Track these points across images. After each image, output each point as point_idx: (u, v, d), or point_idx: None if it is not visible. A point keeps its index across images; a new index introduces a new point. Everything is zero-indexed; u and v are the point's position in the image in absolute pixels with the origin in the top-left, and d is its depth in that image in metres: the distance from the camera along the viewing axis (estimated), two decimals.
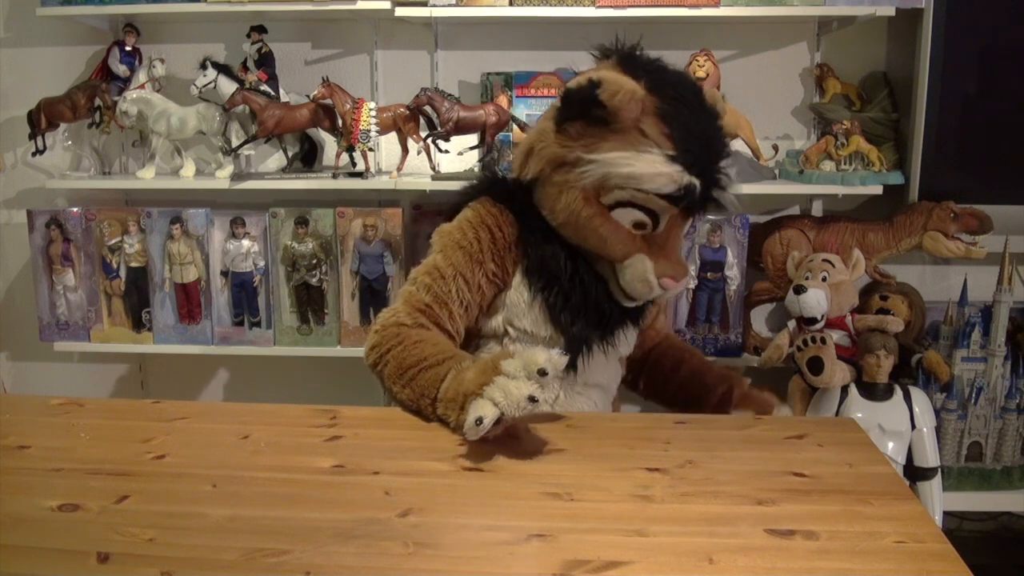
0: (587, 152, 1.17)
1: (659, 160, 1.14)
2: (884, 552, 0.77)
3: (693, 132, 1.16)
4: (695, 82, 1.26)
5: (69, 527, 0.81)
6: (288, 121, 2.10)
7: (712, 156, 1.19)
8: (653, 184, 1.15)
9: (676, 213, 1.20)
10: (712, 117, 1.22)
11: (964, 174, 2.06)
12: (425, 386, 1.10)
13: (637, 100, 1.16)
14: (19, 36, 2.35)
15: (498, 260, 1.28)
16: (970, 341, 2.00)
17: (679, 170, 1.14)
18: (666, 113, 1.15)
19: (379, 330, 1.22)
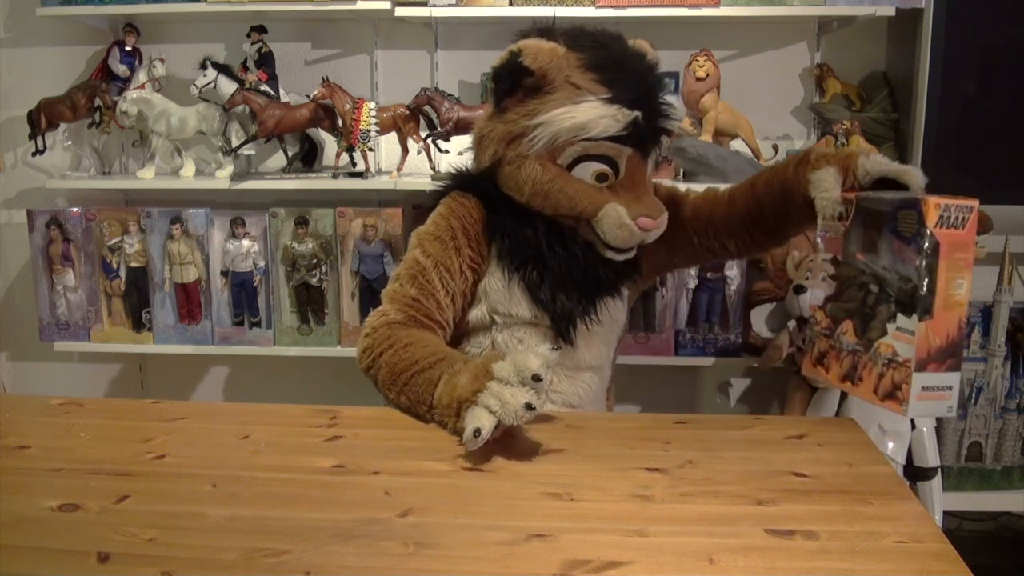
0: (530, 119, 1.20)
1: (597, 105, 1.17)
2: (884, 552, 0.77)
3: (623, 71, 1.20)
4: (614, 32, 1.29)
5: (69, 527, 0.81)
6: (288, 121, 2.10)
7: (647, 88, 1.22)
8: (598, 129, 1.17)
9: (631, 153, 1.22)
10: (639, 56, 1.26)
11: (964, 174, 2.06)
12: (419, 392, 1.10)
13: (559, 56, 1.20)
14: (19, 36, 2.35)
15: (474, 245, 1.29)
16: (970, 341, 2.00)
17: (618, 108, 1.17)
18: (592, 62, 1.20)
19: (369, 333, 1.22)
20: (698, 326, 2.11)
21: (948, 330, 0.96)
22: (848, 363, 1.07)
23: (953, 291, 0.96)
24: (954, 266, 0.96)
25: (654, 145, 1.24)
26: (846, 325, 1.07)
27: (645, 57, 1.27)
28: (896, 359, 0.99)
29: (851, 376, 1.06)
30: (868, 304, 1.04)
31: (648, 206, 1.24)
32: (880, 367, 1.01)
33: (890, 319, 1.00)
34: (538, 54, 1.18)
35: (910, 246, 0.98)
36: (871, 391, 1.02)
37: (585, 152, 1.20)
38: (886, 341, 1.00)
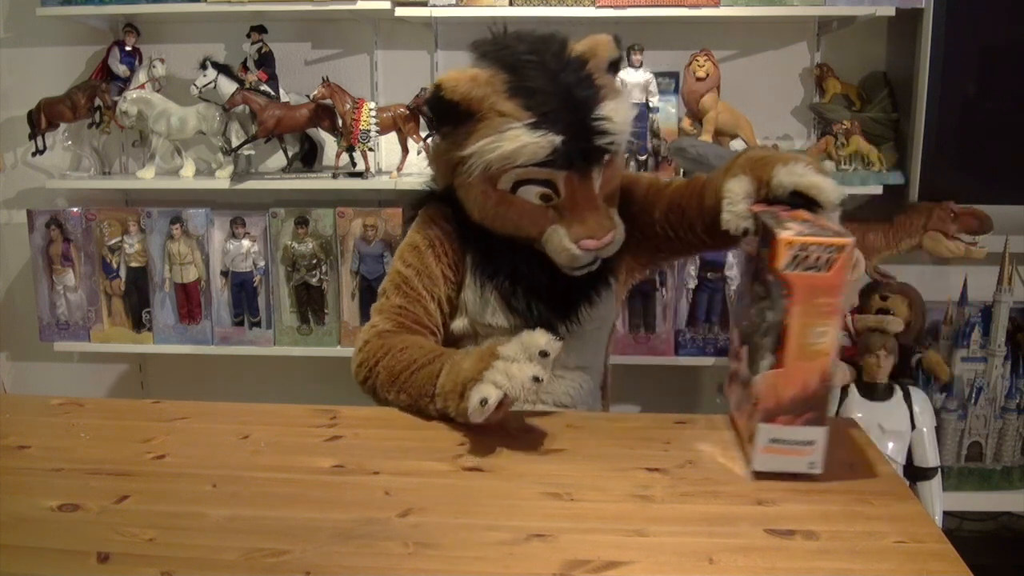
0: (463, 150, 1.19)
1: (522, 132, 1.14)
2: (884, 552, 0.77)
3: (546, 92, 1.15)
4: (550, 39, 1.23)
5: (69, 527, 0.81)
6: (288, 121, 2.10)
7: (575, 107, 1.15)
8: (524, 157, 1.14)
9: (568, 175, 1.17)
10: (570, 67, 1.18)
11: (964, 174, 2.06)
12: (421, 385, 1.10)
13: (481, 84, 1.17)
14: (19, 36, 2.35)
15: (450, 253, 1.30)
16: (970, 341, 2.00)
17: (542, 134, 1.13)
18: (515, 86, 1.16)
19: (362, 347, 1.23)
20: (698, 326, 2.11)
21: (805, 381, 0.86)
22: (739, 393, 0.99)
23: (812, 340, 0.85)
24: (813, 312, 0.85)
25: (593, 162, 1.18)
26: (743, 351, 0.99)
27: (579, 68, 1.19)
28: (757, 402, 0.90)
29: (741, 407, 0.98)
30: (759, 332, 0.93)
31: (592, 227, 1.19)
32: (751, 406, 0.93)
33: (763, 356, 0.90)
34: (457, 86, 1.16)
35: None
36: (744, 430, 0.95)
37: (521, 178, 1.18)
38: (756, 379, 0.91)
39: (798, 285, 0.85)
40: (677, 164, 2.11)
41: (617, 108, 1.17)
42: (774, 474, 0.92)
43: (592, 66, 1.20)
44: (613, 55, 1.25)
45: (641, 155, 2.08)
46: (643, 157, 2.08)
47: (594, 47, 1.23)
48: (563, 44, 1.21)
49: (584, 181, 1.18)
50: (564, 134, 1.13)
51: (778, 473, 0.90)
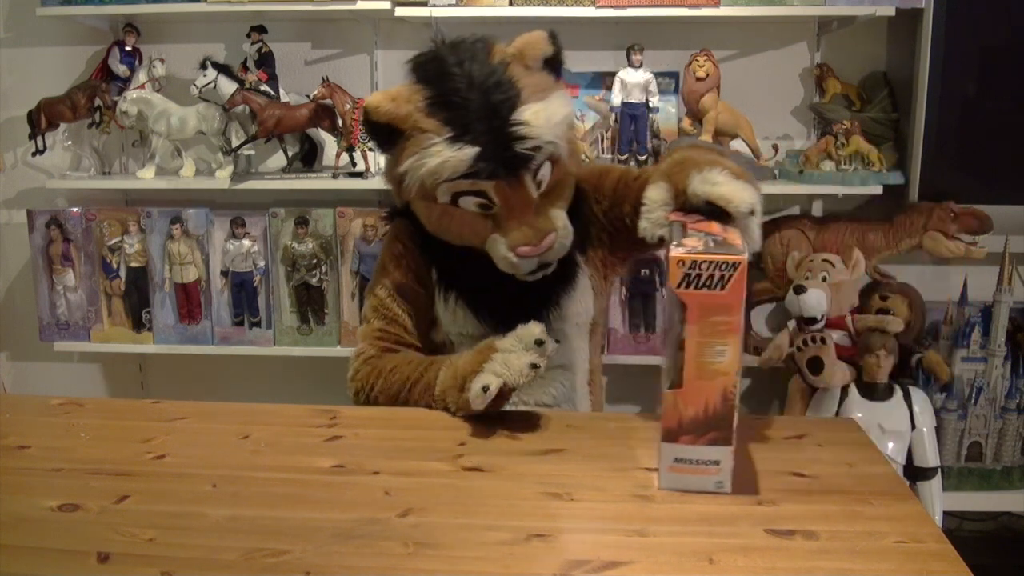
0: (398, 168, 1.20)
1: (442, 147, 1.14)
2: (884, 552, 0.77)
3: (463, 104, 1.14)
4: (476, 45, 1.20)
5: (69, 527, 0.81)
6: (288, 121, 2.10)
7: (490, 114, 1.13)
8: (447, 172, 1.14)
9: (497, 183, 1.16)
10: (490, 73, 1.16)
11: (964, 174, 2.06)
12: (420, 395, 1.15)
13: (401, 102, 1.17)
14: (19, 36, 2.35)
15: (416, 266, 1.32)
16: (970, 341, 2.00)
17: (459, 148, 1.13)
18: (433, 102, 1.16)
19: (354, 376, 1.26)
20: None
21: (707, 401, 0.84)
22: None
23: (710, 359, 0.82)
24: (709, 331, 0.82)
25: (518, 166, 1.15)
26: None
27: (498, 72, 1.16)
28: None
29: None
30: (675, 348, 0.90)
31: (527, 234, 1.17)
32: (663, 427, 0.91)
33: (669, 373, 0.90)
34: (379, 107, 1.17)
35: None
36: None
37: (454, 191, 1.17)
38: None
39: (692, 303, 0.82)
40: None
41: (539, 110, 1.14)
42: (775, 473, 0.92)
43: (515, 69, 1.18)
44: (546, 51, 1.22)
45: (641, 155, 2.07)
46: (643, 157, 2.08)
47: (522, 47, 1.21)
48: (488, 49, 1.19)
49: (516, 187, 1.17)
50: (481, 145, 1.12)
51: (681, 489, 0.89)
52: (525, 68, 1.19)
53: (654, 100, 2.05)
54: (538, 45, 1.21)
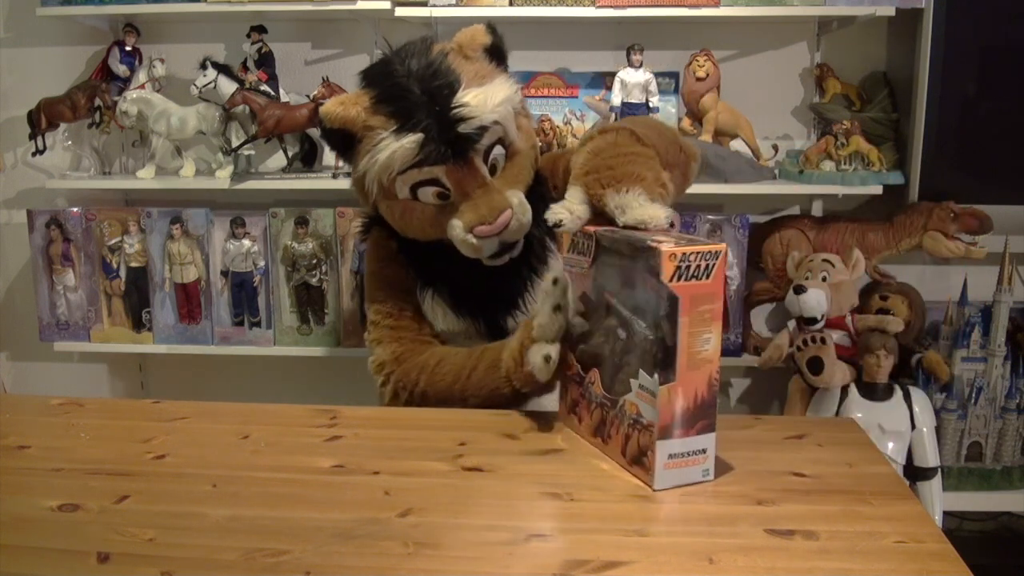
0: (357, 170, 1.24)
1: (390, 140, 1.17)
2: (884, 552, 0.77)
3: (404, 96, 1.18)
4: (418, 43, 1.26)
5: (69, 527, 0.81)
6: (288, 121, 2.10)
7: (430, 100, 1.17)
8: (398, 163, 1.17)
9: (447, 167, 1.18)
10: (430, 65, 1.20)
11: (964, 174, 2.06)
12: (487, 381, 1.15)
13: (349, 105, 1.21)
14: (19, 36, 2.35)
15: (399, 268, 1.34)
16: (970, 341, 2.00)
17: (409, 138, 1.16)
18: (378, 99, 1.20)
19: (387, 380, 1.27)
20: None
21: (697, 391, 0.87)
22: (597, 417, 0.98)
23: (699, 348, 0.86)
24: (698, 321, 0.85)
25: (465, 148, 1.18)
26: (593, 374, 0.98)
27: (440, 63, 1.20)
28: (641, 421, 0.90)
29: (601, 432, 0.97)
30: (615, 352, 0.94)
31: (482, 212, 1.18)
32: (627, 427, 0.92)
33: (635, 374, 0.90)
34: (330, 113, 1.22)
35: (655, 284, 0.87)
36: (619, 452, 0.94)
37: (409, 182, 1.20)
38: (631, 399, 0.91)
39: (685, 296, 0.85)
40: None
41: (479, 92, 1.18)
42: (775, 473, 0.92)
43: (454, 59, 1.22)
44: (484, 42, 1.27)
45: None
46: None
47: (461, 39, 1.27)
48: (428, 45, 1.24)
49: (468, 170, 1.19)
50: (425, 130, 1.15)
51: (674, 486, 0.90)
52: (465, 58, 1.24)
53: (654, 100, 2.04)
54: (476, 37, 1.27)
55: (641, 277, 0.89)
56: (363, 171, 1.21)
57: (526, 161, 1.27)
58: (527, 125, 1.30)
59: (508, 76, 1.27)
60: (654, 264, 0.85)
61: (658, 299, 0.86)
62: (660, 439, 0.88)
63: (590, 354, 1.00)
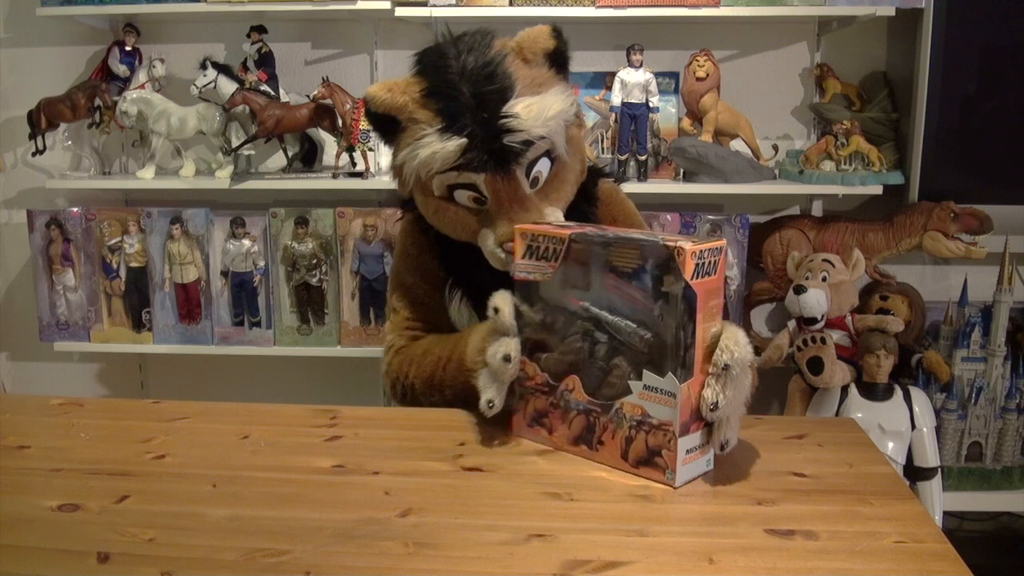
0: (396, 159, 1.20)
1: (433, 139, 1.13)
2: (884, 552, 0.77)
3: (454, 95, 1.13)
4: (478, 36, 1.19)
5: (69, 527, 0.81)
6: (288, 121, 2.10)
7: (480, 105, 1.12)
8: (438, 163, 1.13)
9: (487, 177, 1.14)
10: (486, 65, 1.15)
11: (964, 174, 2.06)
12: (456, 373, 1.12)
13: (397, 92, 1.16)
14: (19, 36, 2.35)
15: (430, 259, 1.31)
16: (970, 341, 2.00)
17: (448, 138, 1.12)
18: (430, 92, 1.15)
19: (387, 370, 1.26)
20: None
21: (702, 383, 0.89)
22: (580, 424, 0.97)
23: (710, 342, 0.88)
24: (709, 316, 0.87)
25: (508, 160, 1.13)
26: (570, 381, 0.97)
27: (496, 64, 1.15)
28: (648, 421, 0.90)
29: (586, 440, 0.96)
30: (597, 357, 0.93)
31: (511, 228, 1.12)
32: (627, 430, 0.92)
33: (632, 375, 0.90)
34: (376, 97, 1.17)
35: (632, 284, 0.89)
36: (618, 457, 0.93)
37: (446, 183, 1.16)
38: (631, 401, 0.91)
39: (701, 292, 0.86)
40: (677, 164, 2.11)
41: (532, 103, 1.12)
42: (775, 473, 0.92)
43: (513, 61, 1.16)
44: (547, 46, 1.20)
45: (641, 155, 2.07)
46: (643, 157, 2.08)
47: (523, 40, 1.20)
48: (488, 41, 1.18)
49: (508, 181, 1.14)
50: (470, 136, 1.11)
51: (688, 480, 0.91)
52: (524, 61, 1.18)
53: (654, 100, 2.05)
54: (539, 39, 1.20)
55: (636, 277, 0.89)
56: (402, 161, 1.18)
57: (571, 176, 1.22)
58: (578, 137, 1.24)
59: (567, 86, 1.21)
60: (675, 264, 0.85)
61: (666, 298, 0.86)
62: (681, 436, 0.88)
63: (561, 362, 0.98)
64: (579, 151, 1.24)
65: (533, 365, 1.00)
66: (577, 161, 1.23)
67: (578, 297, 0.95)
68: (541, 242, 0.98)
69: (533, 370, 1.00)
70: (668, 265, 0.86)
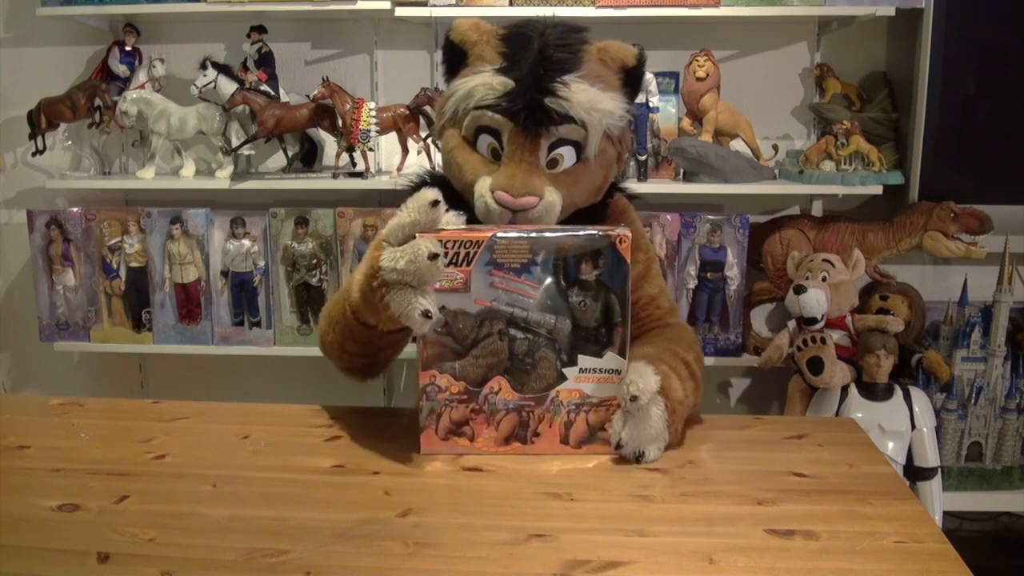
0: (448, 89, 1.22)
1: (487, 75, 1.15)
2: (884, 552, 0.77)
3: (526, 47, 1.16)
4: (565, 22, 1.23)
5: (69, 527, 0.81)
6: (288, 121, 2.10)
7: (542, 63, 1.14)
8: (478, 96, 1.15)
9: (513, 128, 1.15)
10: (560, 35, 1.18)
11: (964, 174, 2.06)
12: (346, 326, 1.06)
13: (479, 31, 1.20)
14: (19, 36, 2.35)
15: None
16: (970, 341, 2.00)
17: (501, 79, 1.14)
18: (505, 36, 1.19)
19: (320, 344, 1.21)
20: (698, 326, 2.11)
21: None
22: (511, 423, 0.98)
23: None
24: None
25: (540, 121, 1.14)
26: (495, 383, 0.97)
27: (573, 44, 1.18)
28: (588, 402, 0.97)
29: (519, 436, 0.98)
30: (519, 353, 0.96)
31: (515, 183, 1.14)
32: (566, 415, 0.97)
33: (565, 363, 0.96)
34: (459, 27, 1.21)
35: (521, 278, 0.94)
36: (557, 443, 0.98)
37: (477, 123, 1.17)
38: (567, 387, 0.96)
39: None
40: (677, 164, 2.11)
41: (587, 89, 1.14)
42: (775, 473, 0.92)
43: (590, 52, 1.19)
44: (627, 60, 1.22)
45: (641, 155, 2.07)
46: (643, 157, 2.08)
47: (610, 45, 1.23)
48: (578, 29, 1.21)
49: (529, 143, 1.16)
50: (518, 81, 1.13)
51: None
52: (600, 62, 1.20)
53: (654, 100, 2.05)
54: (623, 51, 1.23)
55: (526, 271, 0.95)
56: (451, 92, 1.20)
57: (587, 182, 1.21)
58: (611, 155, 1.23)
59: (627, 104, 1.23)
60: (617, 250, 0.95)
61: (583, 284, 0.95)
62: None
63: (478, 366, 0.98)
64: (606, 167, 1.23)
65: (446, 376, 0.98)
66: (600, 176, 1.23)
67: (489, 299, 0.96)
68: (451, 248, 0.95)
69: (447, 381, 0.98)
70: (595, 254, 0.95)
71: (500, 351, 0.97)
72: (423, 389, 0.98)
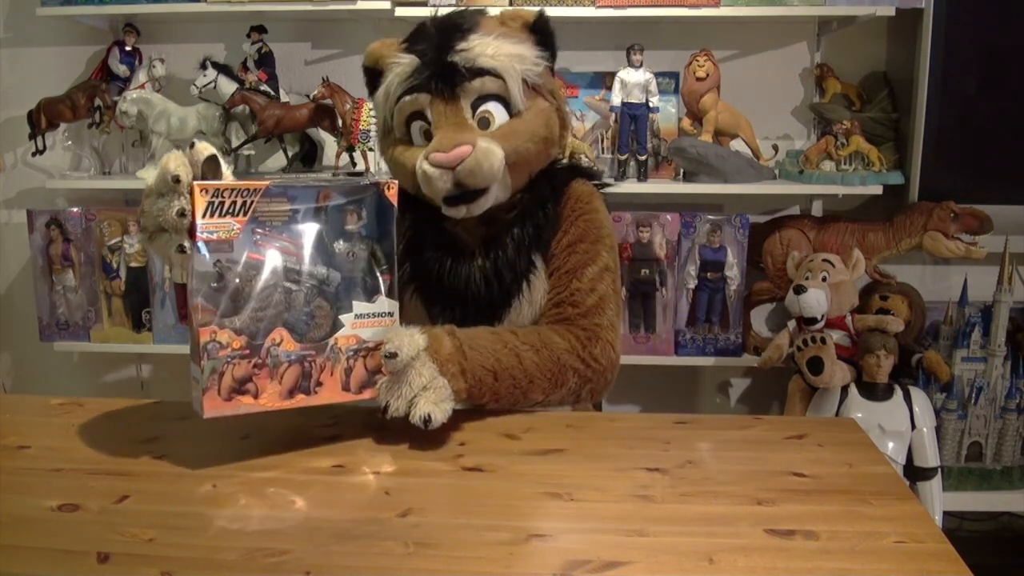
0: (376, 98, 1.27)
1: (395, 66, 1.21)
2: (884, 552, 0.77)
3: (423, 30, 1.22)
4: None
5: (69, 527, 0.81)
6: (288, 121, 2.10)
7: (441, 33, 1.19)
8: (394, 86, 1.20)
9: (431, 99, 1.17)
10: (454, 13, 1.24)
11: (964, 174, 2.06)
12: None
13: (384, 46, 1.26)
14: (19, 36, 2.35)
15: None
16: (970, 341, 2.00)
17: (407, 59, 1.20)
18: (406, 37, 1.25)
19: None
20: (698, 326, 2.11)
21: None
22: (294, 375, 0.98)
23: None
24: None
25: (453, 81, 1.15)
26: (277, 335, 0.96)
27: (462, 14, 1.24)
28: (365, 346, 1.01)
29: (303, 388, 0.98)
30: (296, 304, 0.97)
31: (441, 141, 1.13)
32: (345, 362, 1.00)
33: (339, 311, 0.99)
34: (368, 53, 1.28)
35: (283, 236, 0.96)
36: (339, 391, 1.00)
37: (404, 115, 1.20)
38: (344, 334, 1.00)
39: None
40: (677, 164, 2.11)
41: (489, 41, 1.17)
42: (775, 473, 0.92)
43: (486, 19, 1.23)
44: (527, 17, 1.25)
45: (641, 155, 2.07)
46: (643, 157, 2.08)
47: (506, 11, 1.29)
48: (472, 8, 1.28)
49: (451, 106, 1.17)
50: (420, 55, 1.18)
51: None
52: (500, 23, 1.24)
53: (654, 100, 2.05)
54: (521, 12, 1.27)
55: (287, 229, 0.96)
56: (375, 103, 1.25)
57: (526, 130, 1.19)
58: (546, 107, 1.22)
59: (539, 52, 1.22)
60: (384, 197, 1.01)
61: (348, 235, 0.99)
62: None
63: (257, 319, 0.95)
64: (546, 119, 1.22)
65: (227, 331, 0.94)
66: (541, 126, 1.21)
67: (260, 253, 0.96)
68: (227, 196, 0.94)
69: (228, 336, 0.94)
70: (359, 204, 0.99)
71: (279, 303, 0.96)
72: (203, 347, 0.91)
